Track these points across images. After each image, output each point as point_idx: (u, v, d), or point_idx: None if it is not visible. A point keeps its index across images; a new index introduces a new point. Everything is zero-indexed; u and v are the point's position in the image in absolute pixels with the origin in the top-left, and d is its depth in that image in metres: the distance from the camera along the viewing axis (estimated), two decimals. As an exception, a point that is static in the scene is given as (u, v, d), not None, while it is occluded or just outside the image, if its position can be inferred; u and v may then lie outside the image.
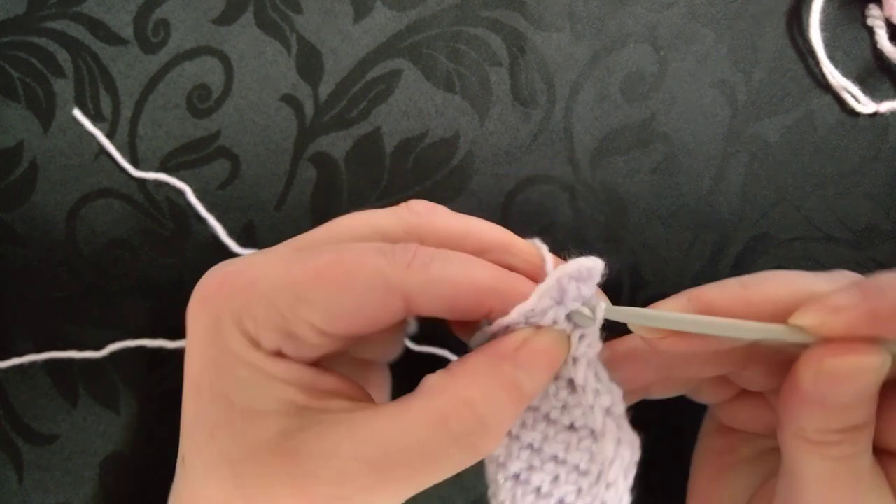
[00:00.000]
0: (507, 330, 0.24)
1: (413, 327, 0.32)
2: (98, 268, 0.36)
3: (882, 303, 0.20)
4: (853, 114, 0.35)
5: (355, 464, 0.21)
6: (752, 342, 0.24)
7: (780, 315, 0.22)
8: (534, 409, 0.25)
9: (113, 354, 0.36)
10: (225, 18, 0.37)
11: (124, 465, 0.36)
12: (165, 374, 0.36)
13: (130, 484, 0.36)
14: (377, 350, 0.29)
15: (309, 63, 0.37)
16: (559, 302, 0.23)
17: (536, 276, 0.24)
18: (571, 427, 0.24)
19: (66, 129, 0.37)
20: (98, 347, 0.36)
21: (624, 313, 0.24)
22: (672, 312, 0.23)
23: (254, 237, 0.36)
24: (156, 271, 0.36)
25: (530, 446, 0.25)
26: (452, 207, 0.35)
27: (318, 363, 0.24)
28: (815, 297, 0.21)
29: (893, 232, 0.35)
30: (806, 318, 0.21)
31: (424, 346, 0.35)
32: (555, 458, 0.24)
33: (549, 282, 0.23)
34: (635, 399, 0.28)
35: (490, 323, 0.24)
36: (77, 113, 0.37)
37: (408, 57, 0.36)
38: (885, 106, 0.35)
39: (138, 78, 0.37)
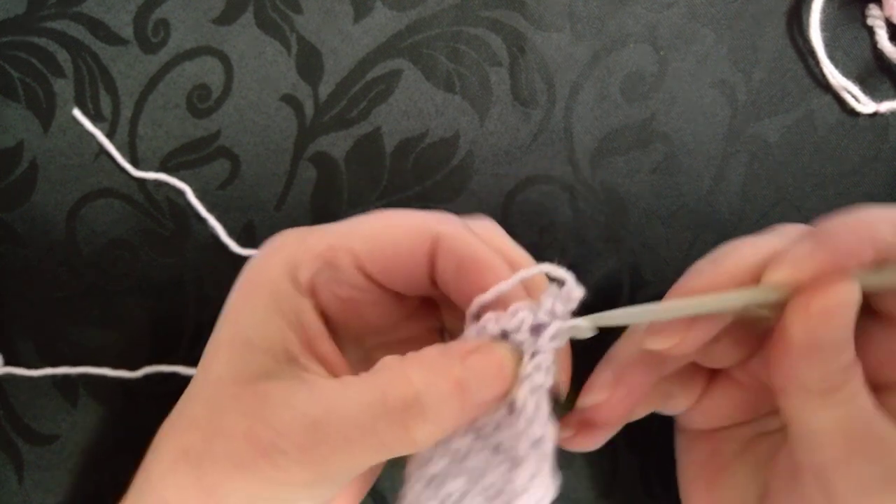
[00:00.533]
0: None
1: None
2: (98, 268, 0.36)
3: (835, 241, 0.22)
4: (853, 114, 0.35)
5: (299, 418, 0.22)
6: (738, 312, 0.24)
7: (755, 279, 0.23)
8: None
9: (113, 354, 0.36)
10: (225, 18, 0.37)
11: (124, 466, 0.36)
12: (166, 374, 0.36)
13: (130, 484, 0.36)
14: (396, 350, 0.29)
15: (309, 63, 0.37)
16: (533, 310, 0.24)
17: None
18: (497, 448, 0.24)
19: (66, 129, 0.37)
20: (99, 347, 0.36)
21: (612, 317, 0.24)
22: (656, 304, 0.24)
23: (254, 237, 0.36)
24: (156, 271, 0.36)
25: (455, 452, 0.24)
26: (452, 207, 0.36)
27: (336, 329, 0.26)
28: (778, 255, 0.23)
29: (893, 232, 0.35)
30: (777, 275, 0.22)
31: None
32: (472, 471, 0.24)
33: (530, 271, 0.24)
34: (622, 423, 0.28)
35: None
36: (77, 113, 0.37)
37: (408, 57, 0.36)
38: (886, 106, 0.35)
39: (138, 78, 0.37)
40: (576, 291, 0.24)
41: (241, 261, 0.36)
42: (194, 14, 0.37)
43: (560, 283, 0.24)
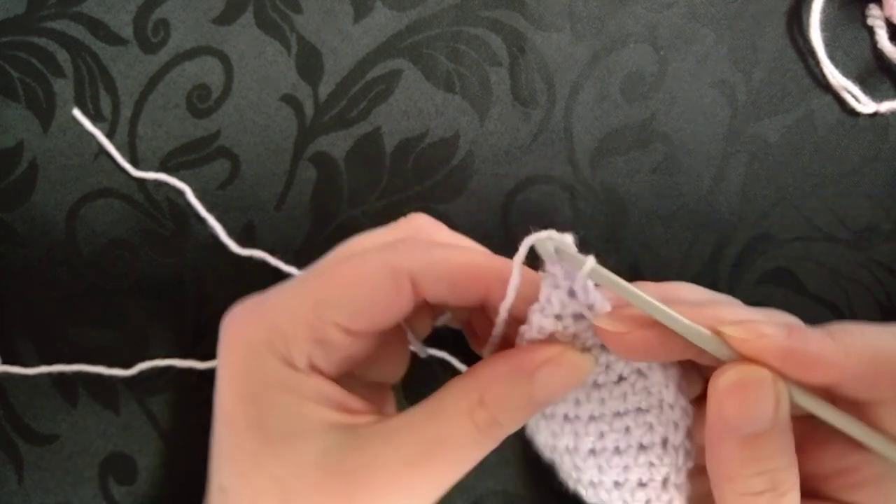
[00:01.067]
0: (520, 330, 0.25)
1: (423, 352, 0.32)
2: (98, 268, 0.36)
3: (801, 347, 0.21)
4: (853, 114, 0.35)
5: (397, 467, 0.23)
6: (691, 357, 0.24)
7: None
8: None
9: (113, 354, 0.36)
10: (225, 18, 0.37)
11: (124, 466, 0.36)
12: (165, 374, 0.36)
13: (130, 484, 0.36)
14: (384, 371, 0.30)
15: (309, 63, 0.37)
16: (557, 286, 0.24)
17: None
18: (620, 379, 0.25)
19: (66, 129, 0.37)
20: (99, 347, 0.36)
21: (608, 279, 0.24)
22: (643, 293, 0.23)
23: (254, 237, 0.36)
24: (156, 271, 0.36)
25: (591, 418, 0.26)
26: (452, 207, 0.36)
27: (343, 383, 0.26)
28: (752, 321, 0.23)
29: (893, 232, 0.35)
30: (733, 330, 0.22)
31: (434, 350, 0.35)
32: (617, 413, 0.25)
33: (522, 251, 0.25)
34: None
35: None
36: (77, 113, 0.37)
37: (408, 57, 0.36)
38: (886, 106, 0.35)
39: (138, 78, 0.37)
40: (566, 239, 0.24)
41: (241, 261, 0.36)
42: (194, 14, 0.37)
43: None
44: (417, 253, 0.25)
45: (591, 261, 0.24)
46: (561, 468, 0.27)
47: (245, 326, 0.26)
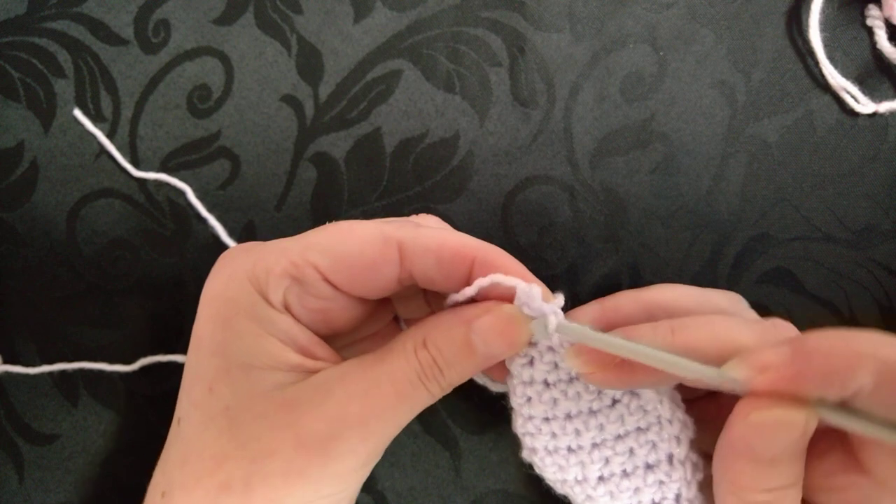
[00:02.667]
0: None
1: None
2: (98, 268, 0.36)
3: (808, 365, 0.21)
4: (852, 114, 0.35)
5: (345, 399, 0.24)
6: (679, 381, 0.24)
7: (720, 357, 0.22)
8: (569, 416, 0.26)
9: (113, 354, 0.36)
10: (225, 19, 0.37)
11: (125, 465, 0.36)
12: (166, 373, 0.36)
13: (131, 483, 0.36)
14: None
15: (309, 63, 0.37)
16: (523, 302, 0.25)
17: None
18: (614, 402, 0.26)
19: (67, 130, 0.37)
20: (99, 347, 0.36)
21: (574, 331, 0.24)
22: (619, 339, 0.23)
23: (254, 237, 0.36)
24: (156, 271, 0.36)
25: (594, 445, 0.26)
26: (452, 207, 0.36)
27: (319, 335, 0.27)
28: (743, 349, 0.22)
29: (893, 232, 0.35)
30: (736, 372, 0.21)
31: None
32: (618, 436, 0.26)
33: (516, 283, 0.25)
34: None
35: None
36: (77, 113, 0.37)
37: (408, 57, 0.36)
38: (885, 106, 0.35)
39: (139, 78, 0.37)
40: (534, 292, 0.25)
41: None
42: (195, 14, 0.37)
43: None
44: (408, 227, 0.26)
45: (554, 320, 0.25)
46: (575, 501, 0.27)
47: (234, 256, 0.27)
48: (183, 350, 0.36)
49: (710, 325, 0.24)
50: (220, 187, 0.36)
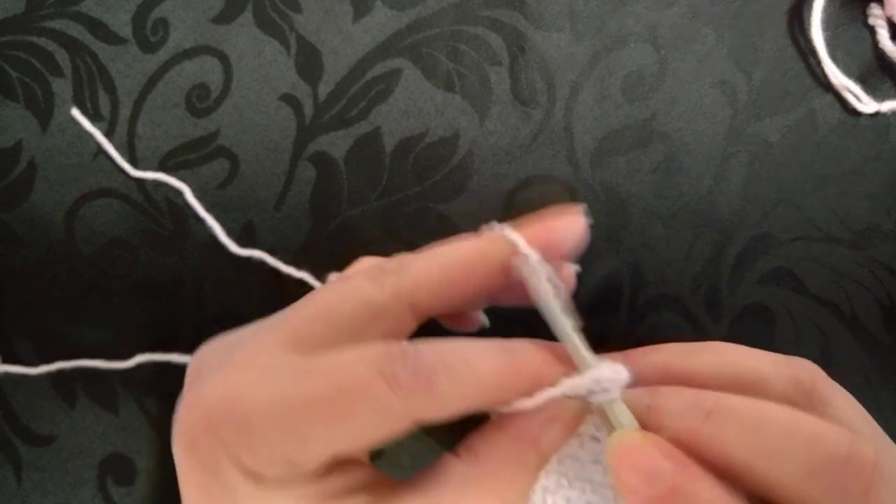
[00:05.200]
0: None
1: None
2: (97, 268, 0.36)
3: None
4: (854, 113, 0.35)
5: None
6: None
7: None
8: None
9: (112, 354, 0.36)
10: (224, 17, 0.37)
11: (123, 467, 0.36)
12: (163, 374, 0.36)
13: (129, 485, 0.36)
14: None
15: (308, 62, 0.36)
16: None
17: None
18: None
19: (65, 129, 0.37)
20: (98, 347, 0.36)
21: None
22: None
23: (253, 237, 0.36)
24: (155, 271, 0.36)
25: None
26: (452, 207, 0.36)
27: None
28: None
29: (895, 232, 0.34)
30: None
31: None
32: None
33: (581, 381, 0.22)
34: None
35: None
36: (75, 112, 0.37)
37: (408, 56, 0.36)
38: (887, 105, 0.34)
39: (137, 77, 0.37)
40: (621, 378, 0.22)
41: (240, 261, 0.36)
42: (193, 13, 0.37)
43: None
44: (420, 390, 0.20)
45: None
46: None
47: (207, 432, 0.21)
48: (181, 350, 0.35)
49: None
50: (218, 187, 0.36)
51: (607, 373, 0.22)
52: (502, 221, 0.24)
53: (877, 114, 0.35)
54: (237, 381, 0.21)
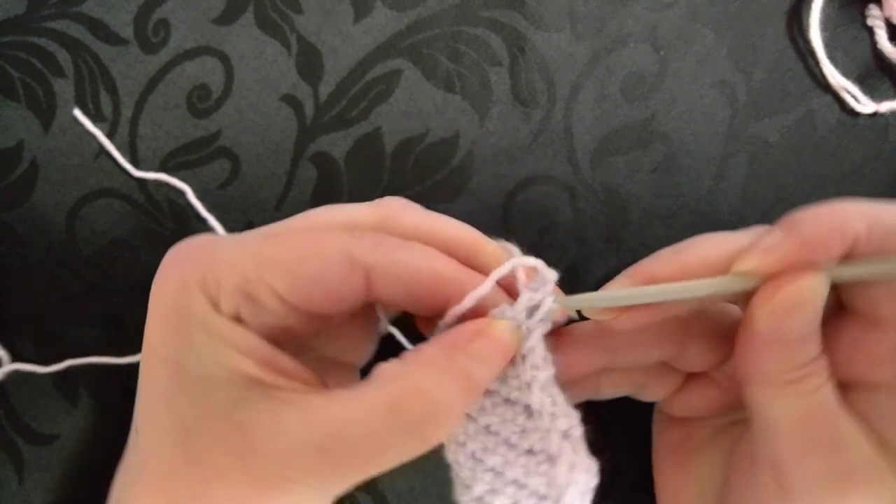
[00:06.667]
0: (462, 320, 0.24)
1: (383, 329, 0.31)
2: (98, 268, 0.36)
3: (804, 232, 0.22)
4: (853, 114, 0.35)
5: (303, 445, 0.21)
6: (697, 306, 0.25)
7: (715, 274, 0.23)
8: (494, 433, 0.25)
9: (112, 354, 0.36)
10: (225, 18, 0.37)
11: (124, 465, 0.36)
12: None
13: (131, 484, 0.36)
14: (344, 348, 0.29)
15: (309, 63, 0.37)
16: (512, 296, 0.24)
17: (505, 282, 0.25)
18: (530, 451, 0.24)
19: (67, 129, 0.37)
20: (97, 347, 0.36)
21: (577, 301, 0.25)
22: (626, 289, 0.24)
23: (254, 237, 0.36)
24: (155, 271, 0.36)
25: (492, 469, 0.24)
26: (452, 207, 0.36)
27: (279, 343, 0.24)
28: (744, 248, 0.23)
29: (893, 232, 0.35)
30: (746, 264, 0.23)
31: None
32: (515, 482, 0.24)
33: (502, 269, 0.24)
34: (585, 397, 0.28)
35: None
36: (77, 113, 0.37)
37: (408, 57, 0.36)
38: (886, 106, 0.35)
39: (138, 78, 0.37)
40: (549, 274, 0.24)
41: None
42: (194, 14, 0.37)
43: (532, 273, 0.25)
44: (382, 249, 0.23)
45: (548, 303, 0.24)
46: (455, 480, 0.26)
47: (183, 260, 0.25)
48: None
49: (712, 237, 0.25)
50: (219, 187, 0.36)
51: (532, 262, 0.25)
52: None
53: (875, 114, 0.35)
54: (218, 236, 0.25)
